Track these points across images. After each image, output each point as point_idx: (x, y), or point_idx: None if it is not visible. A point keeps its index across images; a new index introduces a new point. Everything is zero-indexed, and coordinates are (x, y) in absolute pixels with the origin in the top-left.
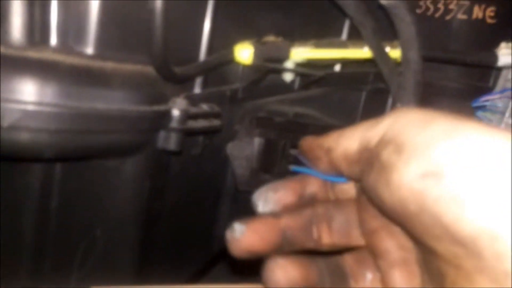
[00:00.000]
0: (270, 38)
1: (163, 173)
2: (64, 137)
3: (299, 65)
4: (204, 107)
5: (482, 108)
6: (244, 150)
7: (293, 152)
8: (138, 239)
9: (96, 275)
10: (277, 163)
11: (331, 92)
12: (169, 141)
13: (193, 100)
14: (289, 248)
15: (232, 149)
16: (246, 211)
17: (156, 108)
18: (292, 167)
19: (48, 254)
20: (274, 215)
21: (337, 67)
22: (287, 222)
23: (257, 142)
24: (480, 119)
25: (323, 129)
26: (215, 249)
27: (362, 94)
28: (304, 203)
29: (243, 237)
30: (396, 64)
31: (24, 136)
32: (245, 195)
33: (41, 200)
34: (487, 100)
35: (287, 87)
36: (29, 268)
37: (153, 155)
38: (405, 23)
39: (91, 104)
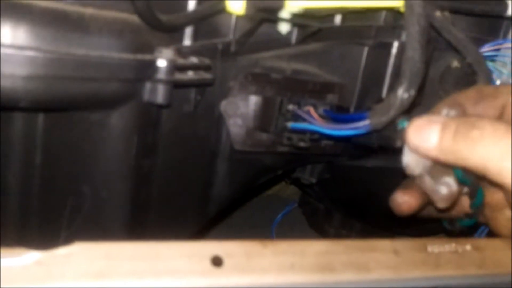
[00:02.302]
0: None
1: (152, 129)
2: (39, 83)
3: (296, 15)
4: (193, 59)
5: (487, 57)
6: (239, 108)
7: (291, 108)
8: (128, 198)
9: (85, 234)
10: (274, 120)
11: (331, 47)
12: (156, 93)
13: (183, 53)
14: None
15: (227, 107)
16: (243, 171)
17: (140, 57)
18: (291, 124)
19: (34, 212)
20: None
21: (337, 20)
22: None
23: (252, 99)
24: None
25: (322, 86)
26: (212, 211)
27: (364, 49)
28: None
29: None
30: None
31: None
32: (241, 155)
33: (24, 155)
34: (496, 49)
35: (284, 41)
36: (16, 225)
37: (139, 109)
38: None
39: (67, 49)
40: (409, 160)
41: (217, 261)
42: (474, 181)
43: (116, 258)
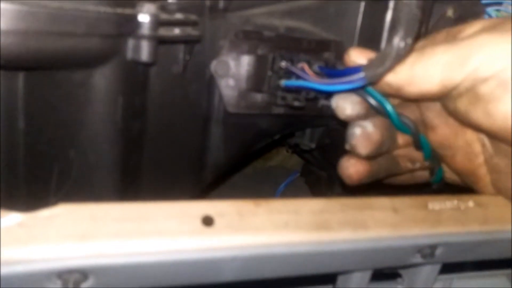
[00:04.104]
0: None
1: (139, 90)
2: (14, 38)
3: None
4: (179, 15)
5: (495, 6)
6: (230, 68)
7: (284, 65)
8: (118, 162)
9: (74, 200)
10: (267, 79)
11: (326, 3)
12: (139, 50)
13: (167, 10)
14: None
15: (217, 67)
16: (238, 136)
17: (120, 10)
18: (284, 82)
19: (21, 178)
20: None
21: None
22: None
23: (244, 58)
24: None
25: (318, 44)
26: (208, 177)
27: (360, 4)
28: None
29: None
30: None
31: None
32: (236, 118)
33: (7, 120)
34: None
35: None
36: (3, 193)
37: (123, 67)
38: None
39: (42, 1)
40: (339, 101)
41: (208, 221)
42: (414, 127)
43: (102, 219)
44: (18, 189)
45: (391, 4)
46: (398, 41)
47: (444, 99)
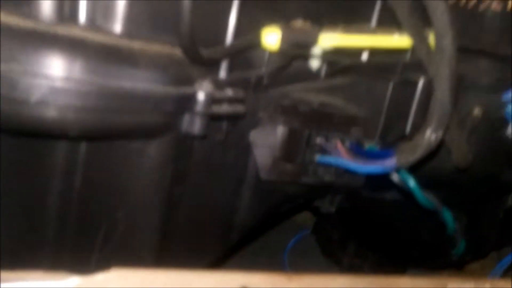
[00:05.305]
0: (298, 22)
1: (186, 157)
2: (90, 114)
3: (327, 52)
4: (229, 91)
5: None
6: (267, 138)
7: (319, 141)
8: (159, 223)
9: (116, 258)
10: (301, 152)
11: (358, 82)
12: (193, 124)
13: (219, 85)
14: None
15: (255, 136)
16: (266, 200)
17: (182, 90)
18: (318, 157)
19: (70, 235)
20: None
21: (365, 56)
22: None
23: (280, 130)
24: (509, 113)
25: (348, 119)
26: (235, 238)
27: (390, 84)
28: None
29: None
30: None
31: (50, 112)
32: (266, 184)
33: (65, 179)
34: None
35: (313, 75)
36: (51, 248)
37: (177, 139)
38: (440, 10)
39: (118, 83)
40: None
41: None
42: (437, 203)
43: (150, 285)
44: (66, 244)
45: (419, 87)
46: (429, 133)
47: None
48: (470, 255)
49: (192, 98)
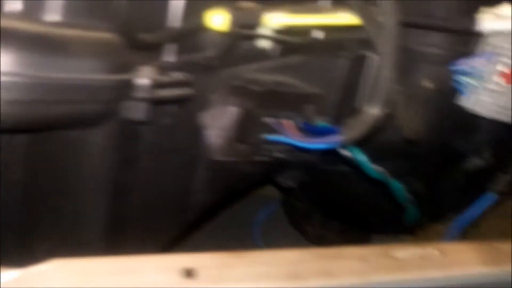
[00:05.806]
0: (246, 3)
1: (131, 143)
2: (22, 108)
3: (277, 31)
4: (175, 75)
5: (462, 72)
6: (219, 119)
7: (268, 120)
8: (107, 210)
9: (63, 248)
10: (253, 132)
11: (312, 60)
12: (134, 110)
13: (165, 69)
14: None
15: (206, 118)
16: (221, 180)
17: (120, 77)
18: (267, 136)
19: (14, 227)
20: None
21: (318, 34)
22: None
23: (232, 111)
24: (459, 84)
25: (301, 97)
26: (191, 218)
27: (342, 61)
28: None
29: None
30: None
31: None
32: (220, 164)
33: (4, 172)
34: (467, 65)
35: (264, 55)
36: None
37: (119, 126)
38: None
39: (51, 74)
40: None
41: (189, 273)
42: (385, 174)
43: (92, 273)
44: (10, 237)
45: (370, 62)
46: (372, 109)
47: None
48: (428, 219)
49: (131, 84)
